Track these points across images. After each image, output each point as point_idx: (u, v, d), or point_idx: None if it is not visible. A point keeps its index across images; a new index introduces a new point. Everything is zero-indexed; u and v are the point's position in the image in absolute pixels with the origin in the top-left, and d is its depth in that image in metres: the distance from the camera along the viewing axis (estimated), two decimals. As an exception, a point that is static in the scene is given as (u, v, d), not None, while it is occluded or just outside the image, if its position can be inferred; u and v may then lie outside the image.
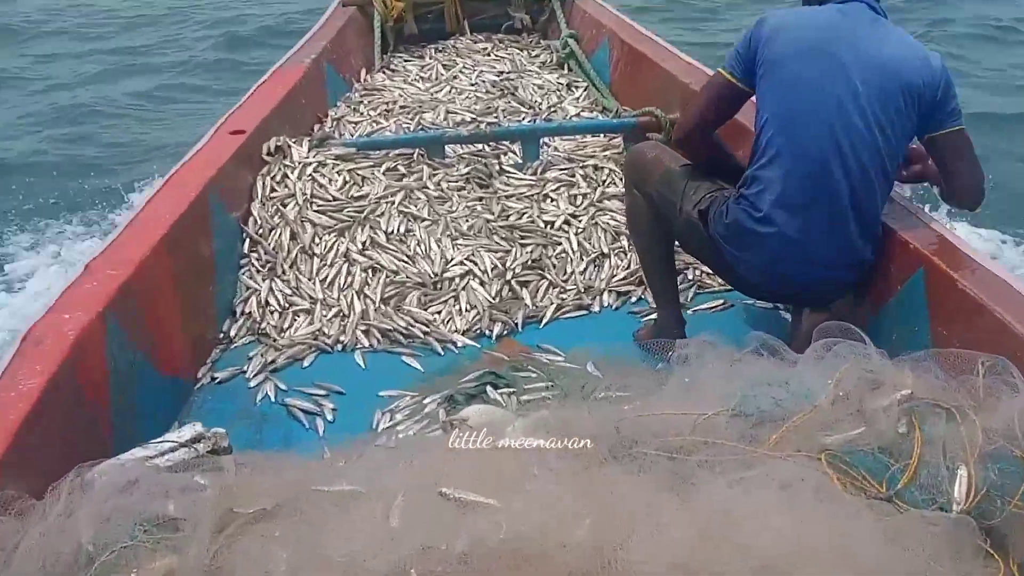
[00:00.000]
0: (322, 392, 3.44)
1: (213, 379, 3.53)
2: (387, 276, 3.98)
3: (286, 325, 3.81)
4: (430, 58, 6.52)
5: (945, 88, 3.11)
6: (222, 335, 3.77)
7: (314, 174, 4.46)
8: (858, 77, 3.05)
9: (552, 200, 4.52)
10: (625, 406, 2.39)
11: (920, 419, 2.12)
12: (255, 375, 3.54)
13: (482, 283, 4.00)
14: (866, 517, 1.83)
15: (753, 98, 3.26)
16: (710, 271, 3.94)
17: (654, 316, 3.82)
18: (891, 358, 2.36)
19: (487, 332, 3.80)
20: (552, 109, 5.62)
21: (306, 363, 3.64)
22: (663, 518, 1.75)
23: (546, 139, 4.96)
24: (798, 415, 2.09)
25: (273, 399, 3.42)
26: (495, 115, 5.47)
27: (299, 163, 4.50)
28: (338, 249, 4.09)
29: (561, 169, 4.73)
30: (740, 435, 2.06)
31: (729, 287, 3.83)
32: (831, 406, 2.13)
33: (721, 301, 3.92)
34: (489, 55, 6.58)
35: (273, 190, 4.36)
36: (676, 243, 3.63)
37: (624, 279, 4.09)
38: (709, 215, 3.31)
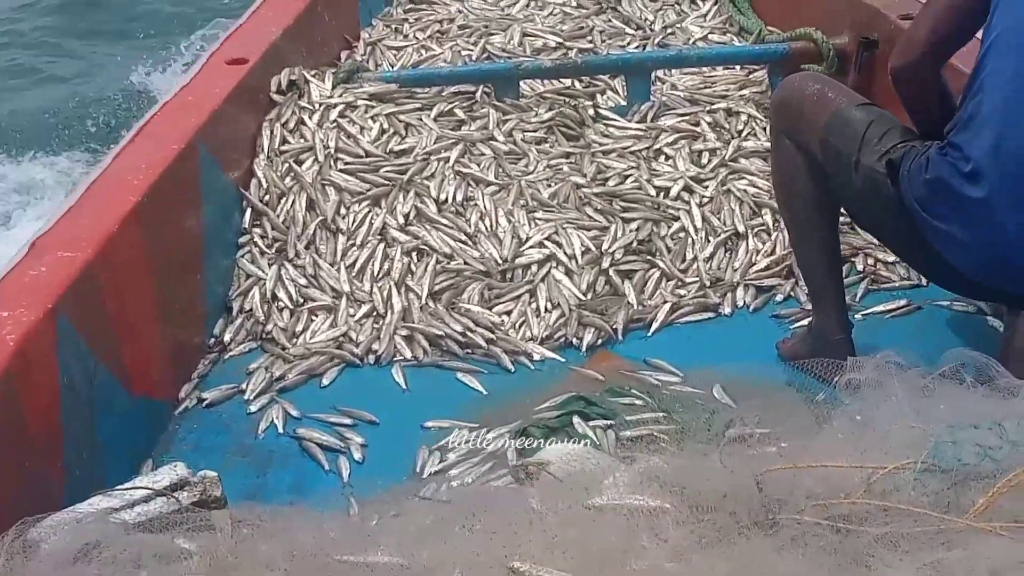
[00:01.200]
0: (348, 422, 3.46)
1: (200, 401, 3.56)
2: (438, 262, 3.99)
3: (300, 328, 3.83)
4: (501, -38, 6.52)
5: None
6: (213, 341, 3.80)
7: (340, 120, 4.49)
8: None
9: (667, 158, 4.49)
10: (770, 449, 2.37)
11: None
12: (257, 396, 3.57)
13: (569, 273, 3.99)
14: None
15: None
16: (889, 259, 3.87)
17: (808, 321, 3.77)
18: None
19: (575, 342, 3.79)
20: (669, 31, 5.60)
21: (326, 381, 3.66)
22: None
23: (660, 72, 4.93)
24: (1016, 471, 2.04)
25: (281, 430, 3.45)
26: (589, 39, 5.47)
27: (320, 104, 4.53)
28: (372, 224, 4.11)
29: (680, 115, 4.69)
30: (934, 499, 2.01)
31: (915, 281, 3.77)
32: (1064, 460, 2.08)
33: (904, 302, 3.87)
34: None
35: (285, 141, 4.39)
36: (844, 218, 3.57)
37: (767, 269, 4.06)
38: (901, 170, 3.25)
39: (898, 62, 3.29)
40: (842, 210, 3.55)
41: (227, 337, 3.81)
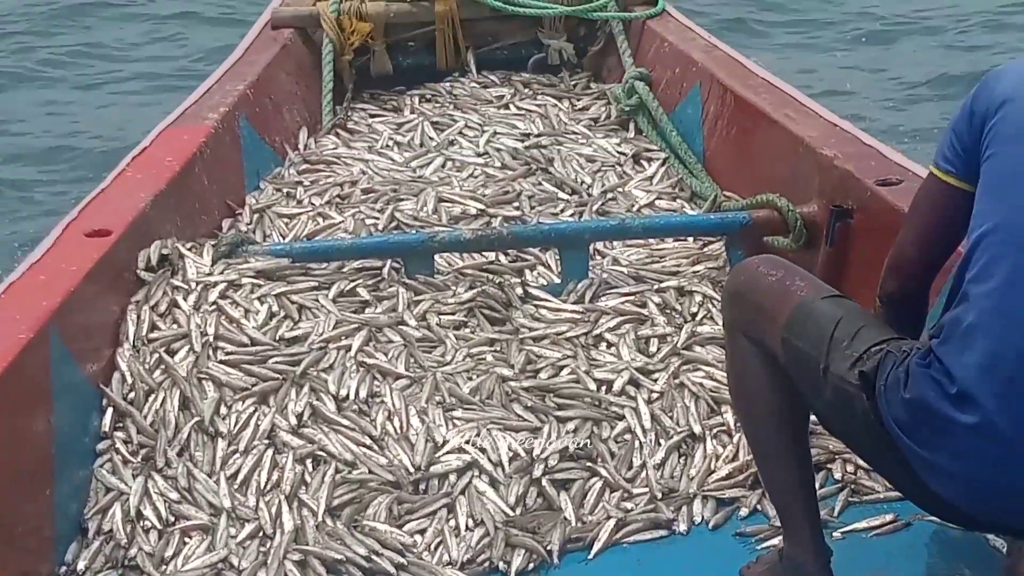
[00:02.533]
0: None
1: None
2: (338, 470, 3.97)
3: (170, 552, 3.77)
4: (412, 111, 6.62)
5: None
6: (64, 569, 3.73)
7: (221, 301, 4.49)
8: None
9: (609, 346, 4.52)
10: None
11: None
12: (117, 639, 3.50)
13: (494, 483, 3.97)
14: None
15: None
16: (870, 468, 3.89)
17: (777, 542, 3.77)
18: None
19: (502, 566, 3.75)
20: (610, 196, 5.67)
21: (204, 619, 3.61)
22: None
23: (600, 245, 4.98)
24: None
25: None
26: (516, 205, 5.52)
27: (197, 283, 4.53)
28: (258, 426, 4.09)
29: (624, 295, 4.74)
30: None
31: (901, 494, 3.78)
32: None
33: (891, 517, 3.85)
34: (508, 107, 6.68)
35: (154, 328, 4.39)
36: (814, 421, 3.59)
37: (728, 477, 4.05)
38: (877, 383, 3.27)
39: (892, 287, 3.37)
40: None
41: (81, 565, 3.73)
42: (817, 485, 3.70)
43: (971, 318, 3.07)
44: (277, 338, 4.39)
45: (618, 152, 6.05)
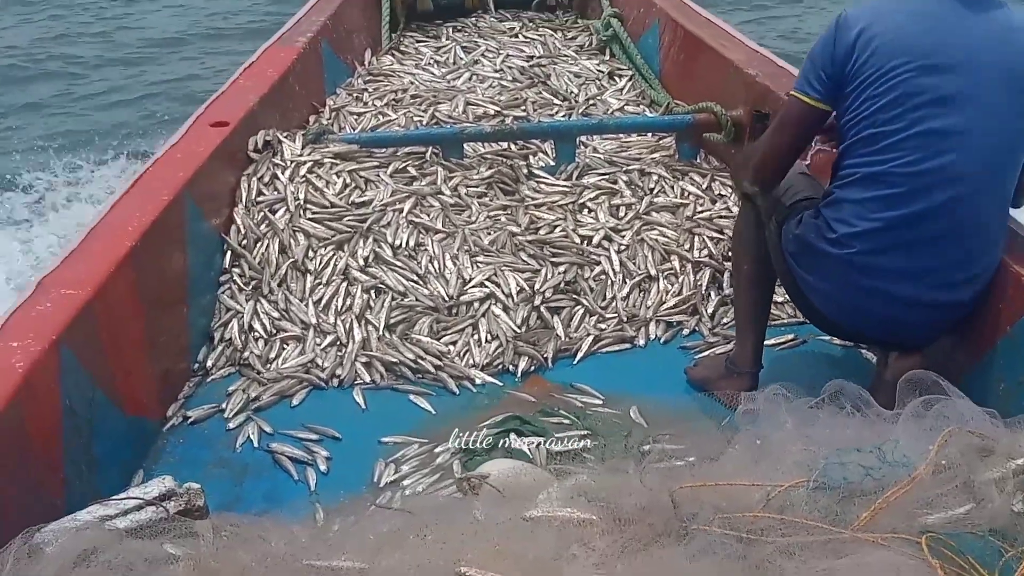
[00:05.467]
0: (315, 437, 3.41)
1: (185, 419, 3.50)
2: (393, 298, 3.95)
3: (273, 355, 3.78)
4: (447, 39, 6.50)
5: None
6: (196, 366, 3.75)
7: (309, 175, 4.43)
8: (984, 76, 3.01)
9: (590, 211, 4.48)
10: (680, 463, 2.35)
11: (1041, 495, 2.06)
12: (235, 415, 3.51)
13: (506, 309, 3.96)
14: (977, 617, 1.77)
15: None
16: (780, 300, 3.89)
17: (709, 353, 3.77)
18: (1003, 418, 2.31)
19: (511, 368, 3.76)
20: (591, 102, 5.58)
21: (296, 401, 3.61)
22: (732, 615, 1.69)
23: (583, 138, 4.92)
24: (893, 488, 2.03)
25: (256, 444, 3.39)
26: (523, 108, 5.44)
27: (291, 162, 4.47)
28: (336, 265, 4.06)
29: (601, 174, 4.68)
30: (824, 512, 2.00)
31: (801, 319, 3.78)
32: (932, 478, 2.07)
33: (792, 337, 3.87)
34: (517, 36, 6.55)
35: (260, 193, 4.34)
36: None
37: (675, 307, 4.04)
38: (784, 226, 3.29)
39: (768, 179, 3.35)
40: None
41: (209, 363, 3.75)
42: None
43: (851, 195, 3.10)
44: (349, 202, 4.33)
45: (597, 71, 5.95)
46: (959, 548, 1.97)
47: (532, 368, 3.78)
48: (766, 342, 3.72)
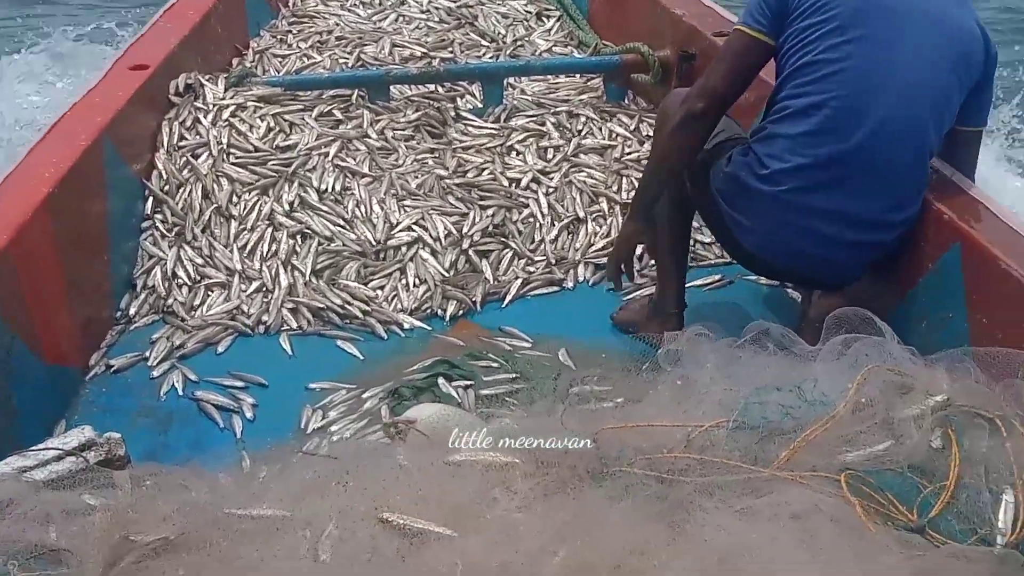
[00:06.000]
0: (241, 384, 3.38)
1: (108, 367, 3.45)
2: (319, 243, 3.92)
3: (197, 302, 3.74)
4: (373, -22, 6.41)
5: (990, 70, 3.16)
6: (119, 314, 3.69)
7: (232, 119, 4.37)
8: (919, 22, 3.04)
9: (518, 154, 4.45)
10: (605, 405, 2.35)
11: (958, 432, 2.09)
12: (159, 362, 3.47)
13: (434, 253, 3.94)
14: (895, 553, 1.79)
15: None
16: (707, 241, 3.90)
17: (636, 295, 3.78)
18: (922, 355, 2.34)
19: (439, 312, 3.75)
20: (518, 43, 5.53)
21: (221, 348, 3.58)
22: (652, 555, 1.70)
23: (511, 79, 4.89)
24: (812, 427, 2.05)
25: (181, 392, 3.36)
26: (450, 50, 5.38)
27: (214, 105, 4.40)
28: (260, 210, 4.01)
29: (529, 116, 4.66)
30: (744, 452, 2.01)
31: (727, 260, 3.79)
32: (852, 416, 2.09)
33: (719, 277, 3.89)
34: (443, -24, 6.47)
35: (182, 138, 4.26)
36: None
37: (603, 249, 4.03)
38: (712, 164, 3.28)
39: (701, 108, 3.22)
40: None
41: (132, 311, 3.70)
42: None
43: (785, 131, 3.11)
44: (274, 146, 4.28)
45: (525, 11, 5.89)
46: (878, 485, 1.99)
47: (461, 312, 3.76)
48: (693, 283, 3.74)
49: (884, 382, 2.16)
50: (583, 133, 4.58)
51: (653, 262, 3.91)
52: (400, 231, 4.00)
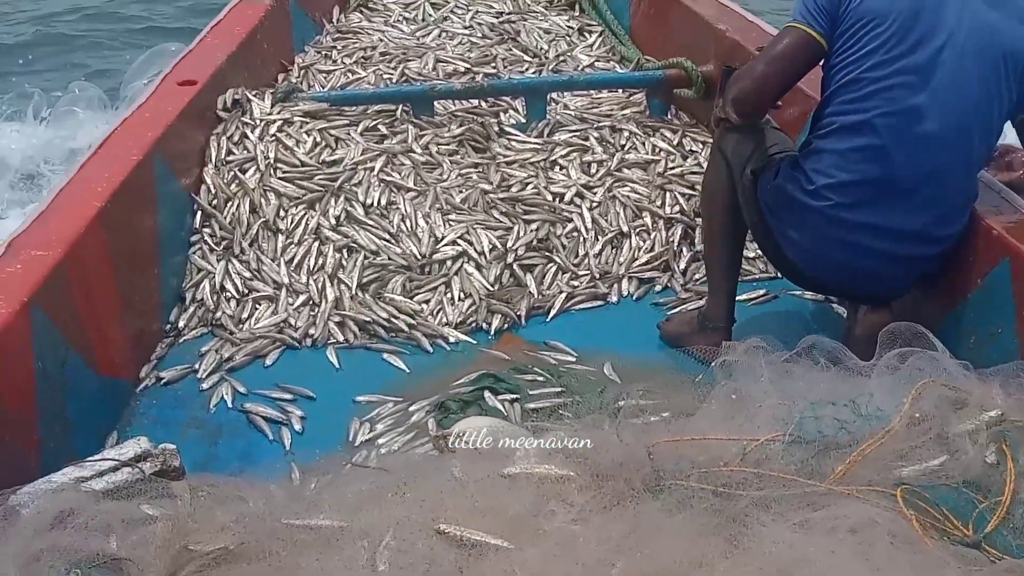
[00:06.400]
0: (289, 397, 3.40)
1: (158, 380, 3.49)
2: (365, 257, 3.93)
3: (245, 315, 3.76)
4: (415, -5, 6.44)
5: None
6: (169, 327, 3.72)
7: (279, 134, 4.39)
8: (963, 39, 3.03)
9: (561, 168, 4.46)
10: (654, 418, 2.36)
11: (1013, 447, 2.08)
12: (208, 375, 3.50)
13: (479, 267, 3.95)
14: (952, 568, 1.79)
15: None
16: (752, 255, 3.90)
17: (682, 308, 3.78)
18: (975, 370, 2.33)
19: (484, 326, 3.76)
20: (561, 58, 5.55)
21: (269, 361, 3.60)
22: (710, 568, 1.71)
23: (554, 94, 4.90)
24: (868, 441, 2.05)
25: (230, 404, 3.38)
26: (493, 65, 5.40)
27: (261, 121, 4.43)
28: (307, 224, 4.04)
29: (572, 131, 4.67)
30: (800, 466, 2.01)
31: (772, 274, 3.79)
32: (906, 430, 2.09)
33: (764, 292, 3.88)
34: (486, -9, 6.51)
35: (230, 153, 4.29)
36: None
37: (647, 264, 4.05)
38: (761, 177, 3.29)
39: (751, 106, 3.34)
40: None
41: (181, 323, 3.73)
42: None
43: (832, 146, 3.11)
44: (320, 161, 4.30)
45: (567, 27, 5.91)
46: (933, 500, 1.99)
47: (505, 326, 3.77)
48: (738, 297, 3.73)
49: (939, 397, 2.16)
50: (626, 148, 4.58)
51: (698, 276, 3.93)
52: (445, 245, 4.01)
